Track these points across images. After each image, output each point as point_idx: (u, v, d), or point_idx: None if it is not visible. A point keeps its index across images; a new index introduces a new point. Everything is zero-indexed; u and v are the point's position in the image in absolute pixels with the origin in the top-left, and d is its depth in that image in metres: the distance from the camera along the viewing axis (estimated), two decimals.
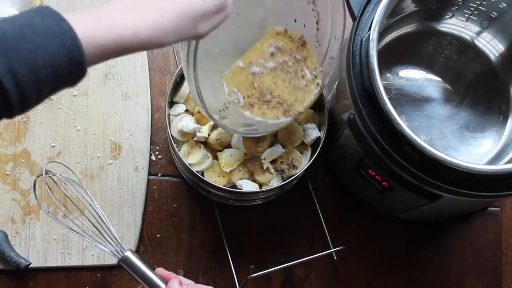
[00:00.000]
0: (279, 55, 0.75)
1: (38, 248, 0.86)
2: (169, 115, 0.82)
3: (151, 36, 0.51)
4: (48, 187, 0.72)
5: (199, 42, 0.59)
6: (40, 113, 0.89)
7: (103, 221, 0.72)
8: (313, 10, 0.74)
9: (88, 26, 0.48)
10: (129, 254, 0.67)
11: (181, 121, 0.80)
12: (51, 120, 0.89)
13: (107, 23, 0.49)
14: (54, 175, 0.73)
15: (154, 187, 0.90)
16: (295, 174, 0.80)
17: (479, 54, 0.87)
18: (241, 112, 0.73)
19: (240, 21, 0.56)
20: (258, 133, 0.77)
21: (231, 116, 0.72)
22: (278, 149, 0.81)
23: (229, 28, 0.57)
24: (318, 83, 0.76)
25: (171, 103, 0.83)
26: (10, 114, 0.47)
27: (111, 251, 0.69)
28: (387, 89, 0.84)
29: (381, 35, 0.71)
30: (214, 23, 0.55)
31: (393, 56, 0.86)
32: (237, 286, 0.86)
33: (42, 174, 0.71)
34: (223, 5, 0.55)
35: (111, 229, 0.71)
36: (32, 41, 0.45)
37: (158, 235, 0.89)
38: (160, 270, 0.68)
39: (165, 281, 0.67)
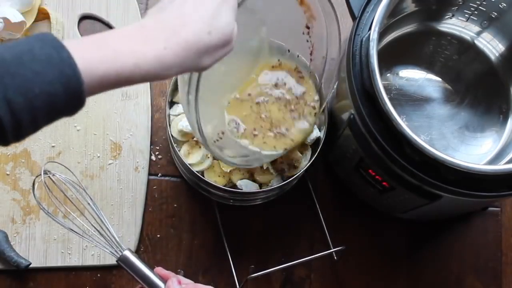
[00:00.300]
0: (282, 88, 0.75)
1: (38, 248, 0.86)
2: (169, 115, 0.82)
3: (153, 69, 0.49)
4: (47, 187, 0.72)
5: (201, 74, 0.57)
6: None
7: (102, 221, 0.72)
8: (307, 41, 0.74)
9: (89, 56, 0.46)
10: (127, 253, 0.67)
11: (181, 121, 0.80)
12: None
13: (108, 53, 0.47)
14: (53, 175, 0.73)
15: (154, 187, 0.90)
16: (295, 174, 0.80)
17: (479, 54, 0.87)
18: (237, 142, 0.72)
19: (236, 49, 0.55)
20: (251, 165, 0.76)
21: (225, 146, 0.71)
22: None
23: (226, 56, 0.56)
24: (315, 122, 0.76)
25: (171, 103, 0.83)
26: (4, 142, 0.46)
27: (110, 251, 0.70)
28: (387, 89, 0.84)
29: (381, 35, 0.71)
30: (218, 57, 0.53)
31: (393, 56, 0.86)
32: (237, 286, 0.86)
33: (41, 174, 0.71)
34: (229, 39, 0.53)
35: (110, 229, 0.71)
36: (30, 69, 0.44)
37: (158, 235, 0.89)
38: (159, 270, 0.68)
39: (164, 280, 0.67)
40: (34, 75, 0.44)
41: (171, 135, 0.80)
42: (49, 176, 0.73)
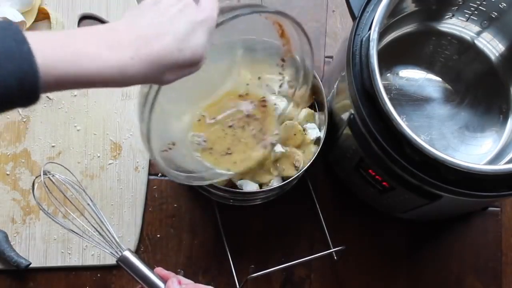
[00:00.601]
0: (251, 120, 0.75)
1: (38, 248, 0.86)
2: None
3: (115, 77, 0.47)
4: (47, 187, 0.72)
5: (160, 88, 0.56)
6: (40, 113, 0.89)
7: (102, 222, 0.72)
8: (280, 73, 0.74)
9: (50, 53, 0.45)
10: (127, 253, 0.67)
11: None
12: (51, 120, 0.89)
13: (71, 54, 0.45)
14: (53, 175, 0.73)
15: (154, 187, 0.90)
16: (295, 174, 0.80)
17: (479, 54, 0.87)
18: (194, 155, 0.71)
19: (204, 66, 0.54)
20: (191, 183, 0.75)
21: (172, 158, 0.70)
22: (278, 149, 0.81)
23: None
24: (267, 156, 0.78)
25: None
26: None
27: (110, 252, 0.69)
28: (387, 89, 0.84)
29: (381, 35, 0.71)
30: (182, 75, 0.52)
31: (393, 56, 0.86)
32: (237, 286, 0.86)
33: (40, 175, 0.71)
34: (198, 60, 0.52)
35: (110, 229, 0.71)
36: None
37: (158, 235, 0.89)
38: (159, 270, 0.68)
39: (164, 280, 0.67)
40: None
41: None
42: (48, 177, 0.73)
